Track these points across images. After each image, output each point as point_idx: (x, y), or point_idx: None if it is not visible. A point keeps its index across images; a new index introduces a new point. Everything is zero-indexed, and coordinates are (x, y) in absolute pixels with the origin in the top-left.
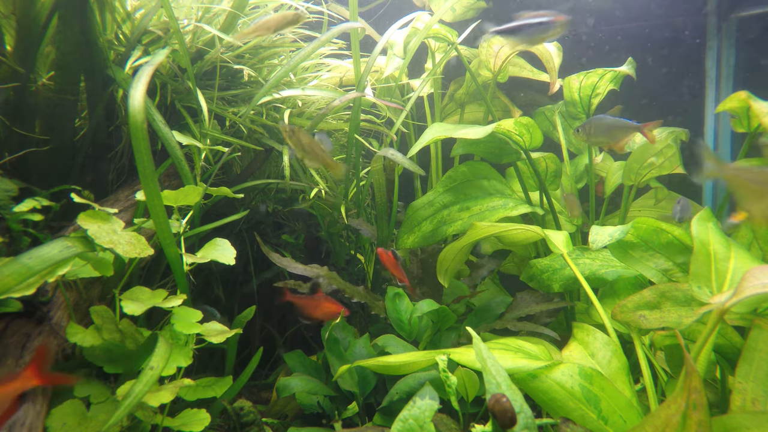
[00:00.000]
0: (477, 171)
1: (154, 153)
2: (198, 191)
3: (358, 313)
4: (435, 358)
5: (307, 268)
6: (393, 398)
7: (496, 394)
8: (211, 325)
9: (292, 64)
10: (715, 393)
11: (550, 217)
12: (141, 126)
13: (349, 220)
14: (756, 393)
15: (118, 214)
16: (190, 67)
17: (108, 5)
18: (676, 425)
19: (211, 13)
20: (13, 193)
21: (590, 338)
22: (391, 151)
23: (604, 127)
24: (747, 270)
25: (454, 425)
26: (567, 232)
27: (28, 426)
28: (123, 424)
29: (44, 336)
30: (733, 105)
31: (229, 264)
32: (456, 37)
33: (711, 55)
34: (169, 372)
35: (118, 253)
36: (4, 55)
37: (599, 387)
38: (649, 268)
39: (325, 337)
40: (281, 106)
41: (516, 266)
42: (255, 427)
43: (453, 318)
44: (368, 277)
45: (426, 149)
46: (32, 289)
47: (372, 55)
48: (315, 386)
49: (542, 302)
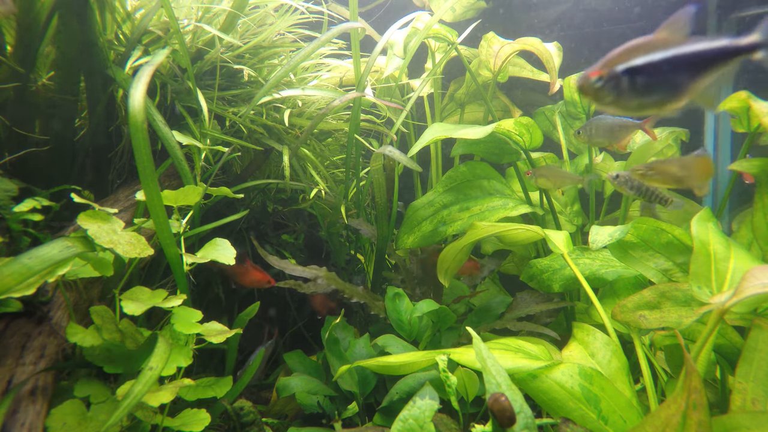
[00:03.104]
0: (477, 171)
1: (154, 153)
2: (198, 191)
3: (358, 313)
4: (435, 358)
5: (306, 269)
6: (393, 398)
7: (496, 393)
8: (211, 325)
9: (292, 64)
10: (715, 393)
11: (550, 217)
12: (141, 126)
13: (349, 220)
14: (756, 393)
15: (118, 214)
16: (190, 67)
17: (108, 5)
18: (676, 425)
19: (211, 13)
20: (13, 193)
21: (590, 338)
22: (390, 149)
23: (605, 128)
24: (747, 270)
25: (454, 425)
26: (567, 232)
27: (28, 426)
28: (123, 424)
29: (44, 336)
30: (733, 105)
31: (229, 264)
32: (456, 37)
33: None
34: (169, 372)
35: (118, 253)
36: (4, 55)
37: (599, 387)
38: (649, 268)
39: (325, 337)
40: (281, 106)
41: (516, 266)
42: (255, 427)
43: (453, 318)
44: (368, 277)
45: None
46: (32, 289)
47: (372, 55)
48: (315, 386)
49: (542, 302)
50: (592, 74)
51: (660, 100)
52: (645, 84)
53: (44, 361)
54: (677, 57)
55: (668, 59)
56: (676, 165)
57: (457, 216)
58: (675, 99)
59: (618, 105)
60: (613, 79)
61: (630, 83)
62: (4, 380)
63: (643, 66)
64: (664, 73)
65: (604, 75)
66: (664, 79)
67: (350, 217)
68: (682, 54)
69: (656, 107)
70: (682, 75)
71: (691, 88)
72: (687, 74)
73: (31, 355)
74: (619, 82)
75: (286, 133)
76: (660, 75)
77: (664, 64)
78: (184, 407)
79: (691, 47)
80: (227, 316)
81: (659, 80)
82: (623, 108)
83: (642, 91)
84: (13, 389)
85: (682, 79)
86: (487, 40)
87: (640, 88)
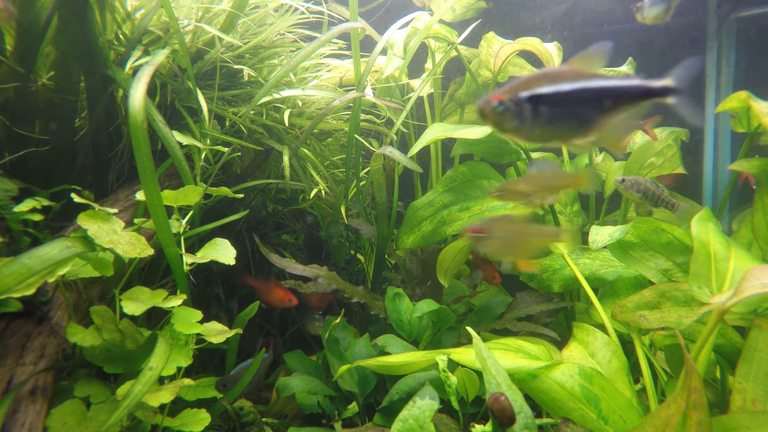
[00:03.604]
0: (477, 171)
1: (154, 153)
2: (198, 191)
3: (358, 313)
4: (435, 358)
5: (307, 268)
6: (393, 398)
7: (496, 393)
8: (211, 325)
9: (292, 64)
10: (715, 393)
11: (550, 217)
12: (141, 126)
13: (349, 220)
14: (756, 393)
15: (118, 214)
16: (190, 67)
17: (108, 5)
18: (676, 425)
19: (211, 13)
20: (13, 193)
21: (590, 338)
22: (390, 149)
23: None
24: (747, 270)
25: (454, 425)
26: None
27: (28, 426)
28: (123, 424)
29: (44, 336)
30: (733, 105)
31: (229, 264)
32: (456, 37)
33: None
34: (169, 372)
35: (118, 253)
36: (4, 55)
37: (599, 387)
38: (649, 268)
39: (325, 337)
40: (281, 106)
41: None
42: (255, 427)
43: (453, 318)
44: (368, 277)
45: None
46: (32, 289)
47: (372, 55)
48: (315, 386)
49: (542, 302)
50: (493, 98)
51: (563, 133)
52: (548, 114)
53: (44, 361)
54: (585, 90)
55: (575, 91)
56: (524, 182)
57: (457, 216)
58: (579, 134)
59: (519, 133)
60: (516, 105)
61: (532, 111)
62: (4, 380)
63: (548, 95)
64: (569, 104)
65: (506, 100)
66: (568, 111)
67: (350, 217)
68: (589, 88)
69: (559, 139)
70: (589, 110)
71: (597, 125)
72: (593, 109)
73: (31, 355)
74: (521, 109)
75: (286, 133)
76: (564, 106)
77: (569, 96)
78: (184, 407)
79: (601, 83)
80: (227, 316)
81: (563, 112)
82: (524, 137)
83: (544, 120)
84: (13, 389)
85: (588, 114)
86: (487, 40)
87: (543, 117)
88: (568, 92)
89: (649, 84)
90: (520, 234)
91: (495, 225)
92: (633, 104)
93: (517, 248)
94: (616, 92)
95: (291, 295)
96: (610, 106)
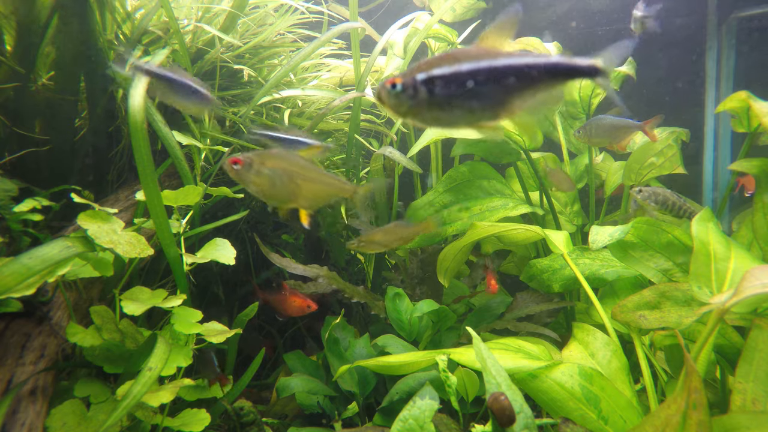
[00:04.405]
0: (477, 171)
1: (154, 153)
2: (198, 191)
3: (358, 313)
4: (435, 358)
5: (307, 268)
6: (393, 398)
7: (495, 393)
8: (211, 325)
9: (292, 64)
10: (715, 393)
11: (550, 217)
12: (141, 126)
13: (349, 220)
14: (756, 393)
15: (118, 214)
16: (190, 67)
17: (108, 5)
18: (676, 425)
19: (211, 13)
20: (13, 193)
21: (590, 338)
22: (390, 150)
23: (605, 128)
24: (747, 270)
25: (454, 425)
26: (567, 232)
27: (28, 426)
28: (123, 424)
29: (44, 336)
30: (733, 105)
31: (229, 264)
32: (456, 37)
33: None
34: (169, 372)
35: (118, 253)
36: (4, 55)
37: (599, 387)
38: (649, 268)
39: (325, 337)
40: (281, 106)
41: (516, 266)
42: (255, 427)
43: (453, 318)
44: (368, 277)
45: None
46: (32, 289)
47: (372, 55)
48: (315, 386)
49: (542, 302)
50: (389, 82)
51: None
52: (445, 96)
53: (44, 361)
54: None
55: (476, 71)
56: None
57: (457, 216)
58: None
59: (416, 116)
60: (411, 87)
61: (428, 93)
62: (5, 380)
63: (444, 76)
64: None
65: (401, 82)
66: (469, 92)
67: (350, 217)
68: (495, 67)
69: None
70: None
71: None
72: (499, 90)
73: (31, 355)
74: (416, 92)
75: None
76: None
77: (470, 76)
78: (184, 407)
79: (509, 61)
80: (227, 316)
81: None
82: (422, 120)
83: (441, 103)
84: (13, 389)
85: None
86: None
87: (439, 99)
88: (468, 72)
89: (575, 62)
90: (291, 175)
91: (262, 159)
92: (555, 83)
93: (287, 192)
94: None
95: (309, 300)
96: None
